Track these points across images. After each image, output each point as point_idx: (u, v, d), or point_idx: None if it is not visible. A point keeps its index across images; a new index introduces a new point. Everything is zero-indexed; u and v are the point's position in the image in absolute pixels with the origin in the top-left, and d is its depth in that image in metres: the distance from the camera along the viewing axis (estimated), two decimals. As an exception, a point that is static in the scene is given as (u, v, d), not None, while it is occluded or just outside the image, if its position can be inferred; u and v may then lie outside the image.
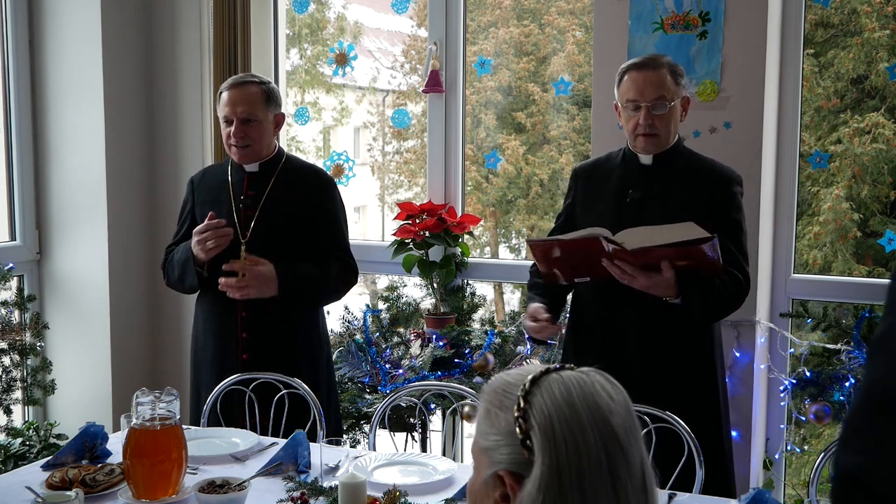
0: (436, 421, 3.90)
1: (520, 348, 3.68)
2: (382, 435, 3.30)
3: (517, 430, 1.17)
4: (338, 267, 3.08)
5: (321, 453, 2.31)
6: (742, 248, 2.75)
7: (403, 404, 3.48)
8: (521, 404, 1.18)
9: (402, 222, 3.78)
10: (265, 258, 3.00)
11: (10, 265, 3.82)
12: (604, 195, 2.84)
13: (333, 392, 3.26)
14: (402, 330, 3.87)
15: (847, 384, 3.21)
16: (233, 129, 3.02)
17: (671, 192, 2.76)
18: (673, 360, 2.74)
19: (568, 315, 3.04)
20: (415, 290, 4.08)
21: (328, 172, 3.27)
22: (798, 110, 3.46)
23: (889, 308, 0.98)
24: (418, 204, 3.79)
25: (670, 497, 2.26)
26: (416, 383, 3.16)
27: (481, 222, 4.01)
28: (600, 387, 1.21)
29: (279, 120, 3.13)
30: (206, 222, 2.98)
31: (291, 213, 3.07)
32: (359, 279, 3.21)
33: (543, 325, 2.76)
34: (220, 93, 3.06)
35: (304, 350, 3.12)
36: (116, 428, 3.49)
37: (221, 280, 2.97)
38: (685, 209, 2.73)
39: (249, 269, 2.96)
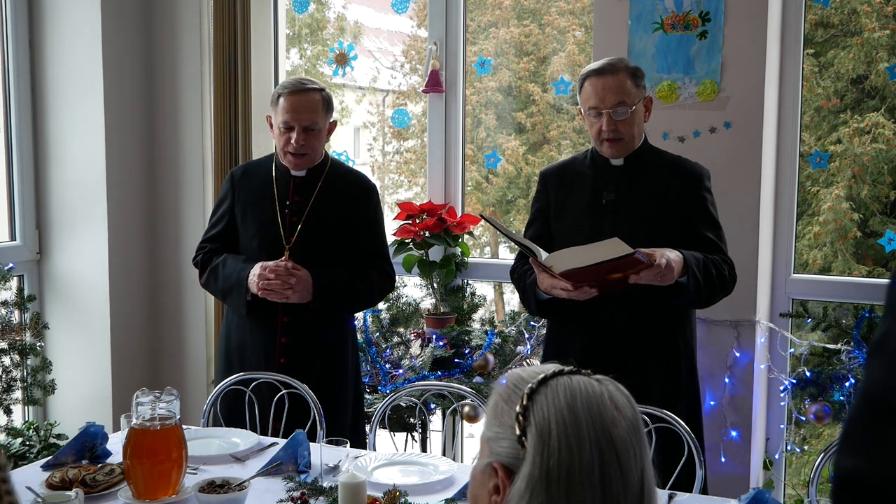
0: (436, 421, 3.90)
1: (520, 348, 3.68)
2: (382, 435, 3.31)
3: (516, 426, 1.18)
4: (376, 274, 3.06)
5: (321, 453, 2.31)
6: (722, 239, 2.81)
7: (403, 404, 3.48)
8: (524, 402, 1.19)
9: (402, 222, 3.78)
10: (308, 263, 2.96)
11: (10, 265, 3.82)
12: (577, 198, 2.85)
13: (361, 398, 3.24)
14: (402, 330, 3.87)
15: (847, 384, 3.21)
16: (294, 136, 2.97)
17: (645, 191, 2.80)
18: (645, 347, 2.76)
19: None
20: (415, 290, 4.09)
21: (370, 179, 3.24)
22: (798, 110, 3.46)
23: (888, 310, 0.98)
24: (418, 204, 3.79)
25: (670, 497, 2.26)
26: (416, 383, 3.16)
27: (481, 222, 4.01)
28: (608, 397, 1.20)
29: (332, 127, 3.10)
30: (277, 264, 2.91)
31: (336, 219, 3.05)
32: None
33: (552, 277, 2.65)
34: (278, 97, 2.99)
35: (339, 356, 3.10)
36: (116, 428, 3.49)
37: (263, 283, 2.91)
38: (660, 207, 2.78)
39: (296, 273, 2.92)
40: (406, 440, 3.73)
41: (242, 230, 3.10)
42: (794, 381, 3.31)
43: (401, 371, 3.65)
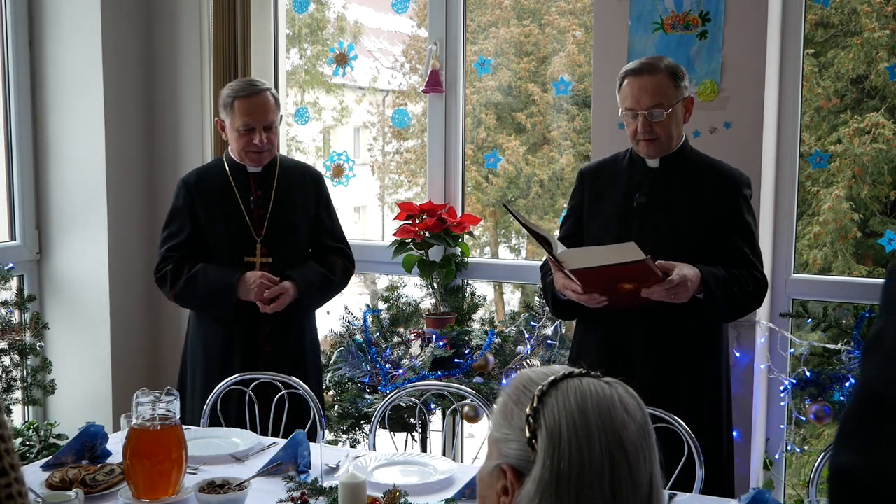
0: (436, 421, 3.89)
1: (520, 348, 3.68)
2: (382, 435, 3.31)
3: (526, 428, 1.18)
4: (341, 262, 3.25)
5: (321, 453, 2.31)
6: (755, 250, 2.73)
7: (403, 404, 3.48)
8: (535, 404, 1.19)
9: (402, 222, 3.78)
10: (279, 253, 3.14)
11: (10, 265, 3.82)
12: (610, 198, 2.81)
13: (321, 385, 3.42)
14: (402, 330, 3.87)
15: (847, 384, 3.21)
16: (257, 137, 3.09)
17: (678, 195, 2.74)
18: (681, 358, 2.72)
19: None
20: (415, 290, 4.08)
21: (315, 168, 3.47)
22: (798, 110, 3.46)
23: (884, 308, 0.99)
24: (418, 204, 3.79)
25: (670, 497, 2.26)
26: (416, 383, 3.16)
27: (481, 222, 4.01)
28: (618, 399, 1.20)
29: (280, 120, 3.25)
30: (266, 277, 3.05)
31: (298, 208, 3.21)
32: (359, 278, 3.29)
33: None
34: (232, 100, 3.09)
35: (312, 342, 3.30)
36: (116, 428, 3.49)
37: (264, 293, 3.05)
38: (693, 213, 2.71)
39: (279, 289, 3.08)
40: (406, 440, 3.73)
41: (209, 232, 3.17)
42: (794, 381, 3.31)
43: (401, 371, 3.65)
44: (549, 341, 3.63)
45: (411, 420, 3.66)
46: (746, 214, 2.73)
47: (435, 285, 3.81)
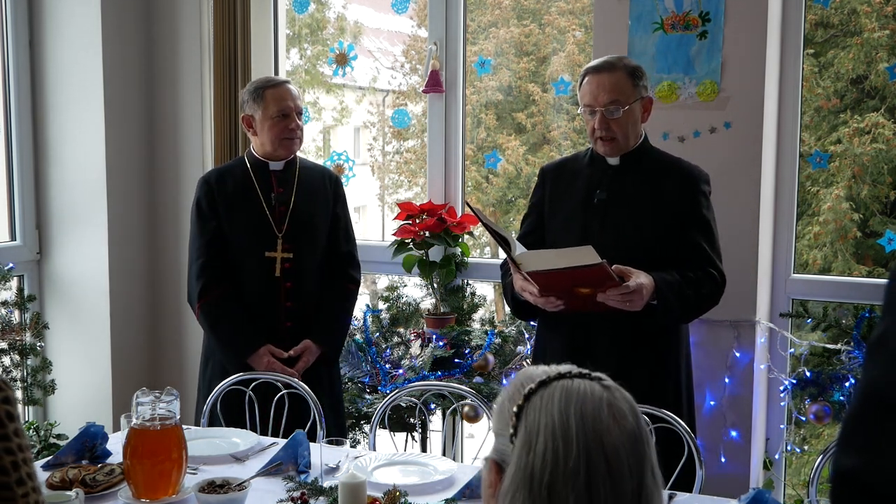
0: (436, 421, 3.90)
1: (520, 348, 3.68)
2: (382, 435, 3.31)
3: (510, 424, 1.19)
4: (354, 287, 3.28)
5: (321, 453, 2.31)
6: (714, 245, 2.74)
7: (403, 404, 3.48)
8: (521, 402, 1.20)
9: (402, 222, 3.78)
10: (300, 248, 3.16)
11: (10, 265, 3.82)
12: (571, 196, 2.82)
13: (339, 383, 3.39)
14: (402, 330, 3.87)
15: (847, 384, 3.21)
16: (293, 122, 3.16)
17: (638, 192, 2.76)
18: (639, 358, 2.70)
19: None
20: (415, 290, 4.08)
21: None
22: (798, 110, 3.46)
23: (887, 309, 0.99)
24: (418, 204, 3.79)
25: (670, 497, 2.26)
26: (416, 383, 3.16)
27: (480, 224, 4.00)
28: (608, 403, 1.18)
29: None
30: (281, 369, 3.06)
31: (317, 207, 3.24)
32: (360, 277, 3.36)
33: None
34: (263, 90, 3.13)
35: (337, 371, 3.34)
36: (116, 428, 3.49)
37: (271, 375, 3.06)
38: (652, 209, 2.73)
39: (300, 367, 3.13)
40: (406, 440, 3.73)
41: (230, 227, 3.18)
42: (794, 381, 3.31)
43: (401, 371, 3.65)
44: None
45: (411, 420, 3.66)
46: (705, 210, 2.75)
47: (435, 285, 3.81)
